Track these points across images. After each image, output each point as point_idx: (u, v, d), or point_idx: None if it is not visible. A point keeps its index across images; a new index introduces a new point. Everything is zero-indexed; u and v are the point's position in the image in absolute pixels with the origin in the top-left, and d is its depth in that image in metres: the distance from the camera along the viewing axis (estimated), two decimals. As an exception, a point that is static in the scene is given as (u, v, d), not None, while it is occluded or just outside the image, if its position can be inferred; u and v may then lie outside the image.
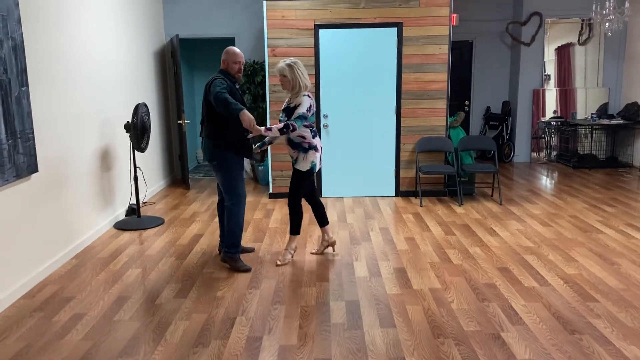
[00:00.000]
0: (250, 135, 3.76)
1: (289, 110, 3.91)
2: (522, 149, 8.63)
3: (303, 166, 3.97)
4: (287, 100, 4.01)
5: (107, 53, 5.25)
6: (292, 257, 4.16)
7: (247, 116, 3.55)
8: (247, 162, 7.61)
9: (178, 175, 7.68)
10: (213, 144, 3.86)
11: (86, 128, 4.70)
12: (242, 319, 3.16)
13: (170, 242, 4.66)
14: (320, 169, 6.20)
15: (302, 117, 3.83)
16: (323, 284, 3.67)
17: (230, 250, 3.96)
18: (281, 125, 3.76)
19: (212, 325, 3.09)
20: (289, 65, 3.85)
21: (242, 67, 3.98)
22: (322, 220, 4.24)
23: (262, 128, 3.70)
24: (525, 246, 4.40)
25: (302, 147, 3.96)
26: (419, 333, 2.95)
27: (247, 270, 3.95)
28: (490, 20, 8.53)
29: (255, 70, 7.12)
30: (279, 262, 4.06)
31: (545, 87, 8.45)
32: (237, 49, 3.96)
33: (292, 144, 3.99)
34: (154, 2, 6.94)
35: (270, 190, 6.32)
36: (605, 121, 7.79)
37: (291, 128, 3.76)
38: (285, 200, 6.18)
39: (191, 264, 4.12)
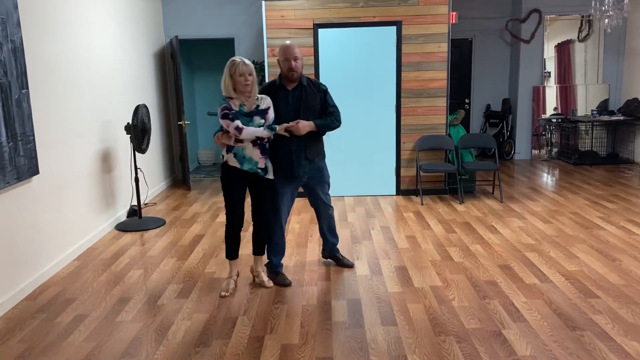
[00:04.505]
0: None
1: (262, 112, 3.39)
2: (522, 147, 8.62)
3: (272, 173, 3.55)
4: (237, 104, 3.37)
5: (106, 54, 5.26)
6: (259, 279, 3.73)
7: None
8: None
9: (179, 176, 7.69)
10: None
11: (86, 130, 4.71)
12: (244, 318, 3.17)
13: (171, 243, 4.67)
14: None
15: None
16: (324, 283, 3.68)
17: (267, 266, 3.79)
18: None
19: (214, 325, 3.09)
20: (250, 63, 3.40)
21: (297, 64, 3.46)
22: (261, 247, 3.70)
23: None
24: (526, 243, 4.40)
25: (267, 153, 3.49)
26: (420, 331, 2.95)
27: (286, 284, 3.65)
28: (490, 18, 8.53)
29: (255, 70, 7.12)
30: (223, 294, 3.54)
31: (545, 84, 8.44)
32: (287, 43, 3.51)
33: (263, 149, 3.44)
34: (154, 3, 6.95)
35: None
36: (605, 117, 7.79)
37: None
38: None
39: (192, 264, 4.13)
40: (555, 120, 8.40)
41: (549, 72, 8.44)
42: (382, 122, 6.18)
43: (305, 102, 3.53)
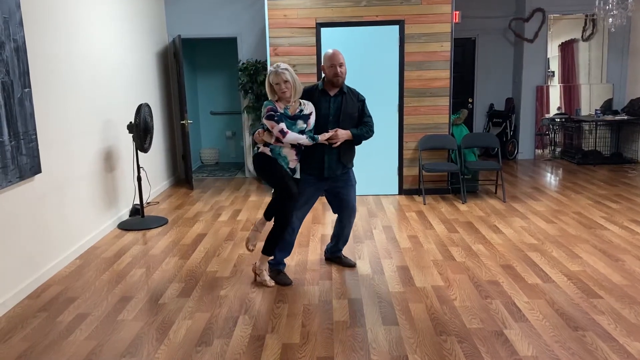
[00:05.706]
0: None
1: (305, 117, 3.47)
2: (526, 146, 8.60)
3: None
4: (282, 107, 3.45)
5: (109, 54, 5.26)
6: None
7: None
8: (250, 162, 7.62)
9: (182, 175, 7.70)
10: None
11: (89, 129, 4.71)
12: (245, 317, 3.17)
13: (173, 242, 4.67)
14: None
15: None
16: (325, 282, 3.67)
17: (269, 263, 3.78)
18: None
19: (215, 324, 3.09)
20: (287, 69, 3.37)
21: (342, 70, 3.49)
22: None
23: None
24: (528, 243, 4.39)
25: (300, 155, 3.61)
26: (421, 330, 2.95)
27: (286, 284, 3.66)
28: (493, 17, 8.51)
29: (258, 69, 7.13)
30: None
31: (549, 83, 8.41)
32: (332, 51, 3.52)
33: (298, 151, 3.56)
34: (156, 2, 6.96)
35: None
36: (609, 117, 7.76)
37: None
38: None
39: (194, 263, 4.13)
40: (558, 120, 8.37)
41: (553, 72, 8.41)
42: (384, 122, 6.16)
43: (345, 109, 3.60)
